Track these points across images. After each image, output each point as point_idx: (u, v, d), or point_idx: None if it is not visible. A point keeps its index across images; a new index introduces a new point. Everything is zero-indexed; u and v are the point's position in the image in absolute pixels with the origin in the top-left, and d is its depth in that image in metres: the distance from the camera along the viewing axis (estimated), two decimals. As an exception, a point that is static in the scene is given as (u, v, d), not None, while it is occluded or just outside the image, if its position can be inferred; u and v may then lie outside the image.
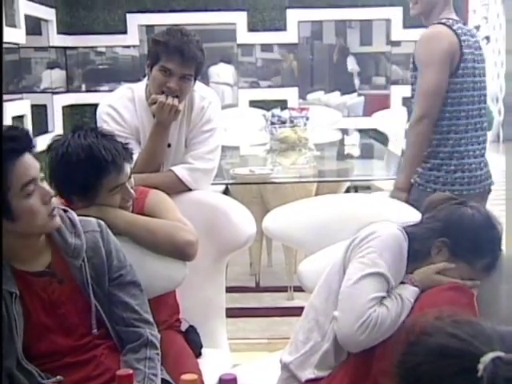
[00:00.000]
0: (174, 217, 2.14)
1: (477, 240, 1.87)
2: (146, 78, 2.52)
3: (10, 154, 1.59)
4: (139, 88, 2.53)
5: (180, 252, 2.08)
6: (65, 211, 1.83)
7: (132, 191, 2.07)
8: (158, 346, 1.86)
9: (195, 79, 2.46)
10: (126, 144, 2.07)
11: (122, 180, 2.01)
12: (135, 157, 2.24)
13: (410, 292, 1.82)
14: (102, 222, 1.86)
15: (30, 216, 1.66)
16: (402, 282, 1.85)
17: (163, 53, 2.37)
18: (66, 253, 1.77)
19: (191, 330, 2.28)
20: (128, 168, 2.04)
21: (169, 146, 2.50)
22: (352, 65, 7.59)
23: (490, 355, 0.94)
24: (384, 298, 1.79)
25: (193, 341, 2.23)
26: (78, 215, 1.86)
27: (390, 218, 2.02)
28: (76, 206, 2.00)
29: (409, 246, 1.88)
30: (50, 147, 2.02)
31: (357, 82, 7.62)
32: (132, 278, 1.86)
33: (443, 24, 2.75)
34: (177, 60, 2.35)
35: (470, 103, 2.79)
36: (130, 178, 2.06)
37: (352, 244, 1.89)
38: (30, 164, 1.65)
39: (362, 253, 1.84)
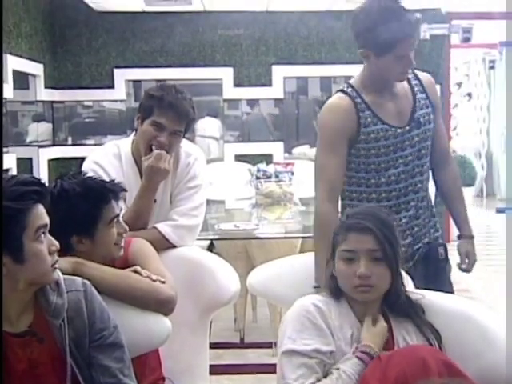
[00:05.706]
0: (156, 266, 2.14)
1: None
2: (133, 133, 2.53)
3: (33, 195, 1.63)
4: (125, 144, 2.55)
5: (159, 308, 2.03)
6: None
7: (125, 225, 2.10)
8: None
9: (184, 136, 2.48)
10: (112, 181, 2.11)
11: (117, 210, 2.06)
12: (121, 213, 2.24)
13: (351, 365, 1.82)
14: (87, 282, 1.84)
15: (38, 260, 1.66)
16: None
17: (157, 107, 2.40)
18: (46, 312, 1.74)
19: (175, 389, 2.24)
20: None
21: (154, 201, 2.50)
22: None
23: None
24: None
25: (176, 400, 2.20)
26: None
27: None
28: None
29: None
30: None
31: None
32: (114, 340, 1.81)
33: None
34: (170, 115, 2.39)
35: None
36: (121, 211, 2.11)
37: None
38: (44, 211, 1.68)
39: (279, 338, 1.93)
